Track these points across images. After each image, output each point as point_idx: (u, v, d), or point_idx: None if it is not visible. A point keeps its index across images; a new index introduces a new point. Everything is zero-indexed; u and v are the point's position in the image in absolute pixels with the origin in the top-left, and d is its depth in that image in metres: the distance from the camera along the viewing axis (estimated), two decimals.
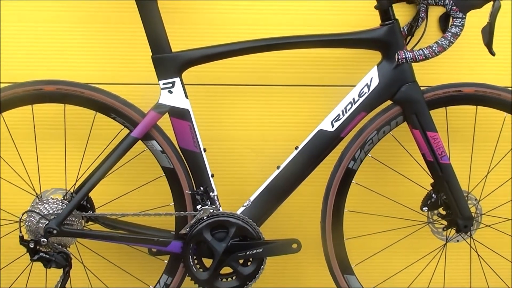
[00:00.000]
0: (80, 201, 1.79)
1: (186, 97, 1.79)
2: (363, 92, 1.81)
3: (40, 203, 1.82)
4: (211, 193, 1.82)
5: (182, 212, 1.84)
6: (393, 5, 1.79)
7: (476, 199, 1.95)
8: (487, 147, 2.07)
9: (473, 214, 1.89)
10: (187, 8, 1.97)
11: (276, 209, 1.87)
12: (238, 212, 1.84)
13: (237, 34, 1.91)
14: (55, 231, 1.76)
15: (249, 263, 1.84)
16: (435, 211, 1.93)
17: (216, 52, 1.80)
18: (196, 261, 1.83)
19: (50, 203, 1.81)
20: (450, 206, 1.87)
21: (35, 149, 1.98)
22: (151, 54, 1.77)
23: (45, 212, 1.79)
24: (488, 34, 1.67)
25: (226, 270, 1.84)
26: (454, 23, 1.67)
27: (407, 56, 1.76)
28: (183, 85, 1.79)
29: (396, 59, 1.78)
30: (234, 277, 1.84)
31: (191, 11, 1.98)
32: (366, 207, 2.07)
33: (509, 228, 2.09)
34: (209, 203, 1.82)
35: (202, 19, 1.98)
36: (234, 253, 1.81)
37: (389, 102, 1.84)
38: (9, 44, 1.97)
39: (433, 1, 1.67)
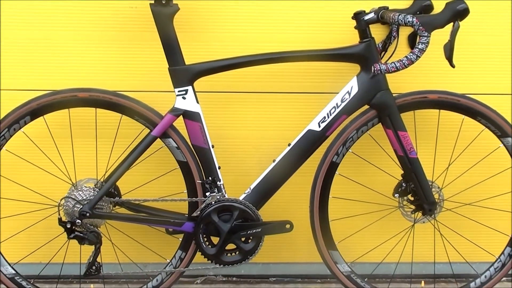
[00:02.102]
0: (109, 189, 1.81)
1: (197, 102, 1.81)
2: (344, 98, 1.82)
3: (75, 191, 1.84)
4: (218, 182, 1.84)
5: (193, 198, 1.86)
6: (370, 26, 1.82)
7: (439, 187, 1.96)
8: (448, 144, 2.08)
9: (436, 200, 1.91)
10: (198, 28, 1.99)
11: (272, 195, 1.88)
12: (241, 198, 1.86)
13: (239, 49, 1.92)
14: (88, 214, 1.78)
15: (249, 241, 1.86)
16: (405, 197, 1.95)
17: (222, 65, 1.81)
18: (205, 239, 1.85)
19: (83, 191, 1.83)
20: (417, 193, 1.89)
21: (71, 145, 2.00)
22: (167, 66, 1.78)
23: (80, 198, 1.82)
24: (449, 49, 1.68)
25: (231, 246, 1.86)
26: (421, 41, 1.68)
27: (381, 68, 1.78)
28: (194, 92, 1.80)
29: (372, 71, 1.80)
30: (237, 252, 1.86)
31: (202, 31, 1.99)
32: (347, 194, 2.08)
33: (467, 212, 2.10)
34: (216, 190, 1.83)
35: (211, 37, 2.00)
36: (237, 232, 1.83)
37: (366, 107, 1.85)
38: (51, 57, 1.99)
39: (403, 22, 1.67)
